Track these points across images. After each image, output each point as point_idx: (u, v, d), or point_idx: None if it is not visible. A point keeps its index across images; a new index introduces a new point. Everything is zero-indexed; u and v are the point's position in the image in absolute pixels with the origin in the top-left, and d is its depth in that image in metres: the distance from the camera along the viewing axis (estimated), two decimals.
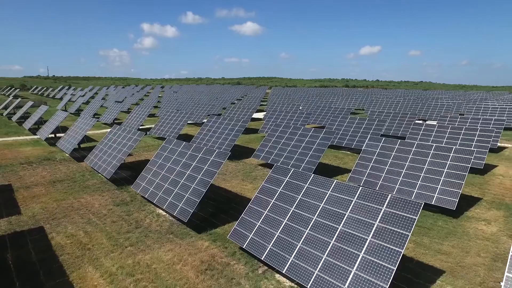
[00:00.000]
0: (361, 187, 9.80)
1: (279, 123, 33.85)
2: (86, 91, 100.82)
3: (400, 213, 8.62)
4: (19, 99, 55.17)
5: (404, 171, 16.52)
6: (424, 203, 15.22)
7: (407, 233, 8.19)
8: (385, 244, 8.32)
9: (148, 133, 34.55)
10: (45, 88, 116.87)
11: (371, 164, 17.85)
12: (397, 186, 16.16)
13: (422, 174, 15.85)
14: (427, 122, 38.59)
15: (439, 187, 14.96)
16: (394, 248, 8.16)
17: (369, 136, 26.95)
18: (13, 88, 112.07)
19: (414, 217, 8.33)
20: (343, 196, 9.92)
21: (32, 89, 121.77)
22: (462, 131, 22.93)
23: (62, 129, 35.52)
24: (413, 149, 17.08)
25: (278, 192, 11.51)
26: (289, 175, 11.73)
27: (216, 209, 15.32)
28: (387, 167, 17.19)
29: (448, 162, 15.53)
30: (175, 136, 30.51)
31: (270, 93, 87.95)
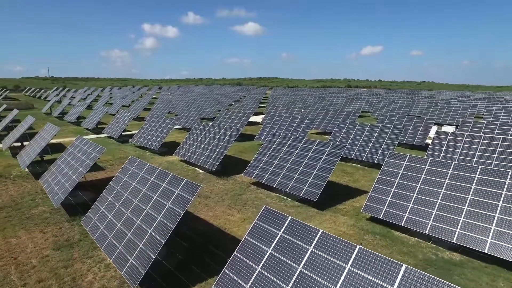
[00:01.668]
0: (404, 266, 5.77)
1: (278, 130, 29.82)
2: (80, 92, 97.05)
3: None
4: None
5: (439, 201, 12.47)
6: (471, 248, 11.19)
7: None
8: None
9: (130, 141, 30.60)
10: (38, 89, 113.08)
11: (393, 189, 13.82)
12: (430, 223, 12.13)
13: (466, 207, 11.80)
14: (443, 129, 34.40)
15: (492, 227, 10.91)
16: None
17: (383, 146, 23.03)
18: (5, 90, 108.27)
19: None
20: (372, 279, 5.90)
21: (25, 90, 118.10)
22: (499, 143, 18.84)
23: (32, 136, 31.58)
24: (450, 171, 13.02)
25: (267, 254, 7.49)
26: (284, 227, 7.71)
27: (187, 256, 11.34)
28: (414, 195, 13.16)
29: (504, 192, 11.46)
30: (157, 145, 26.55)
31: (270, 94, 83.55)
